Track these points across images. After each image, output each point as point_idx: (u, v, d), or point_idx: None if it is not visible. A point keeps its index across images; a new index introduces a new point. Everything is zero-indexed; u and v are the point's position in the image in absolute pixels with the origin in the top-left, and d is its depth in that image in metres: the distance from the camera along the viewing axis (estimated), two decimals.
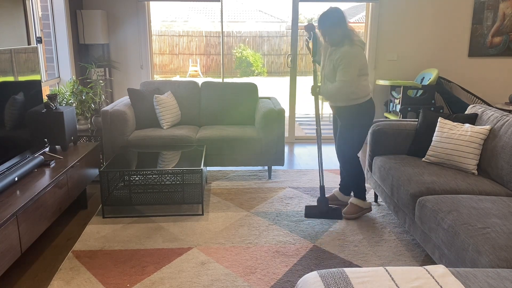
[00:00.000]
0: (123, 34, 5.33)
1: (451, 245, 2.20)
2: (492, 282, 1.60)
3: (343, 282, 1.57)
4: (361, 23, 16.56)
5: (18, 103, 2.89)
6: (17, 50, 2.89)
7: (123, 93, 5.50)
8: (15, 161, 2.83)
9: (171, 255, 2.77)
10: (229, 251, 2.82)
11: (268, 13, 18.32)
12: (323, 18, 3.10)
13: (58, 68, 4.87)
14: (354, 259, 2.74)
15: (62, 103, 4.18)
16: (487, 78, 5.62)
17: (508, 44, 5.49)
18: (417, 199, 2.68)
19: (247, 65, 15.37)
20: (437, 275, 1.62)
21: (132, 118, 4.17)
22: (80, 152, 3.37)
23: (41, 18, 4.66)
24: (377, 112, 5.68)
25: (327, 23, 3.08)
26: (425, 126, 3.31)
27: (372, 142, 3.48)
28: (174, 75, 15.11)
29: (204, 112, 4.56)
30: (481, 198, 2.50)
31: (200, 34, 15.04)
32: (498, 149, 2.83)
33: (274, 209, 3.49)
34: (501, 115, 2.96)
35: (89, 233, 3.07)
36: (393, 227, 3.19)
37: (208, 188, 3.97)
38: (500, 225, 2.12)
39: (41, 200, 2.60)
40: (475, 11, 5.39)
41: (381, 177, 3.22)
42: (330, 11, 3.09)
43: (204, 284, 2.45)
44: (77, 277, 2.51)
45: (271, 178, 4.23)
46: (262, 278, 2.51)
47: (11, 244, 2.25)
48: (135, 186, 3.81)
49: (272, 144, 4.07)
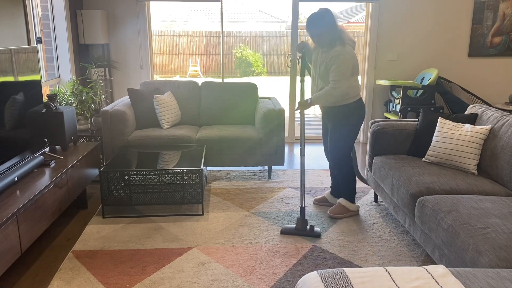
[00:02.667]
0: (123, 34, 5.33)
1: (451, 245, 2.20)
2: (492, 282, 1.60)
3: (343, 282, 1.57)
4: (361, 23, 16.57)
5: (18, 103, 2.89)
6: (17, 50, 2.89)
7: (123, 93, 5.50)
8: (15, 161, 2.83)
9: (171, 255, 2.77)
10: (229, 251, 2.82)
11: (268, 13, 18.32)
12: (313, 21, 3.03)
13: (58, 68, 4.87)
14: (354, 259, 2.74)
15: (62, 103, 4.18)
16: (487, 78, 5.62)
17: (508, 44, 5.49)
18: (417, 199, 2.68)
19: (247, 65, 15.37)
20: (437, 275, 1.62)
21: (132, 118, 4.17)
22: (80, 152, 3.37)
23: (41, 18, 4.66)
24: (377, 112, 5.68)
25: (317, 27, 3.03)
26: (425, 126, 3.30)
27: (372, 142, 3.48)
28: (174, 75, 15.11)
29: (204, 112, 4.56)
30: (481, 198, 2.50)
31: (200, 34, 15.04)
32: (498, 149, 2.83)
33: (274, 209, 3.49)
34: (501, 115, 2.96)
35: (89, 233, 3.07)
36: (393, 227, 3.19)
37: (208, 188, 3.96)
38: (500, 225, 2.12)
39: (41, 200, 2.60)
40: (475, 11, 5.39)
41: (381, 177, 3.22)
42: (320, 14, 3.02)
43: (204, 284, 2.45)
44: (77, 277, 2.51)
45: (271, 178, 4.23)
46: (262, 278, 2.51)
47: (11, 244, 2.25)
48: (135, 186, 3.81)
49: (272, 144, 4.07)
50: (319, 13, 3.03)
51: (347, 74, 3.01)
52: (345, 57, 2.99)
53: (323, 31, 3.01)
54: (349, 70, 3.02)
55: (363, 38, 5.60)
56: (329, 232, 3.11)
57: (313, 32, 3.05)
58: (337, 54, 2.98)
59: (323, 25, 3.00)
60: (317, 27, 3.02)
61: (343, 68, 2.99)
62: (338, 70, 2.99)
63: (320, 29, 3.01)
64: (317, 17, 3.02)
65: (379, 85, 5.59)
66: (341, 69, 2.98)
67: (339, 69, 2.99)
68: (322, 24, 3.01)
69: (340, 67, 2.98)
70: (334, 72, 3.00)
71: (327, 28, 3.01)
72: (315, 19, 3.02)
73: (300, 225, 3.05)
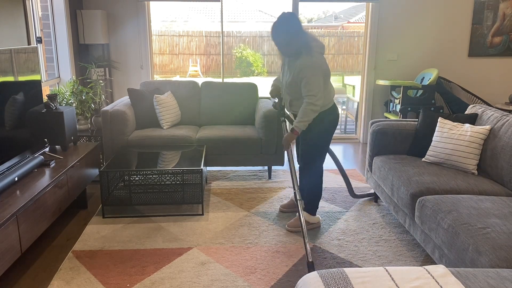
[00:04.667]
0: (123, 34, 5.33)
1: (451, 245, 2.20)
2: (492, 282, 1.60)
3: (343, 282, 1.57)
4: (361, 23, 16.57)
5: (18, 103, 2.89)
6: (17, 50, 2.89)
7: (123, 93, 5.50)
8: (15, 161, 2.83)
9: (171, 255, 2.77)
10: (229, 251, 2.82)
11: (268, 13, 18.31)
12: (278, 28, 2.76)
13: (58, 68, 4.87)
14: (354, 259, 2.74)
15: (62, 103, 4.18)
16: (487, 78, 5.62)
17: (508, 44, 5.49)
18: (417, 199, 2.68)
19: (247, 65, 15.37)
20: (437, 275, 1.62)
21: (132, 118, 4.17)
22: (80, 152, 3.37)
23: (41, 18, 4.66)
24: (377, 112, 5.68)
25: (283, 34, 2.77)
26: (425, 126, 3.30)
27: (372, 142, 3.48)
28: (174, 75, 15.11)
29: (204, 112, 4.56)
30: (481, 198, 2.50)
31: (200, 34, 15.03)
32: (498, 149, 2.83)
33: (274, 209, 3.49)
34: (501, 115, 2.96)
35: (89, 233, 3.07)
36: (393, 227, 3.19)
37: (208, 188, 3.96)
38: (500, 225, 2.12)
39: (41, 200, 2.60)
40: (475, 11, 5.39)
41: (381, 177, 3.22)
42: (285, 19, 2.76)
43: (204, 284, 2.45)
44: (77, 277, 2.51)
45: (271, 178, 4.23)
46: (262, 278, 2.51)
47: (11, 244, 2.25)
48: (135, 186, 3.81)
49: (272, 144, 4.07)
50: (284, 17, 2.77)
51: (320, 85, 2.79)
52: (313, 68, 2.77)
53: (290, 39, 2.75)
54: (321, 80, 2.79)
55: (363, 38, 5.60)
56: (329, 232, 3.10)
57: (279, 41, 2.79)
58: (303, 66, 2.76)
59: (290, 33, 2.75)
60: (283, 34, 2.76)
61: (315, 80, 2.76)
62: (309, 84, 2.77)
63: (287, 36, 2.75)
64: (282, 23, 2.75)
65: (379, 85, 5.59)
66: (313, 82, 2.76)
67: (309, 82, 2.76)
68: (289, 30, 2.75)
69: (310, 80, 2.76)
70: (308, 87, 2.77)
71: (294, 35, 2.75)
72: (280, 25, 2.76)
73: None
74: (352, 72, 14.99)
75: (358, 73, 13.96)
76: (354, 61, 15.07)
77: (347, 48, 14.96)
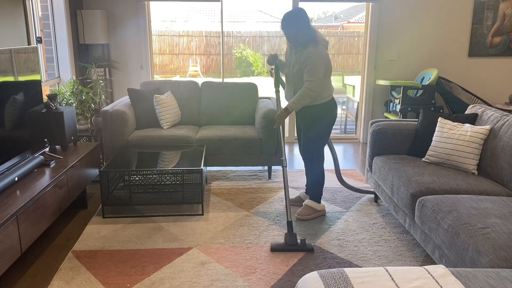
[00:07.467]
0: (123, 34, 5.33)
1: (451, 245, 2.20)
2: (492, 282, 1.60)
3: (343, 282, 1.57)
4: (361, 23, 16.57)
5: (18, 103, 2.89)
6: (17, 50, 2.89)
7: (123, 93, 5.50)
8: (15, 161, 2.83)
9: (171, 255, 2.77)
10: (229, 251, 2.82)
11: (268, 13, 18.30)
12: (287, 20, 3.07)
13: (58, 68, 4.87)
14: (354, 259, 2.74)
15: (62, 103, 4.18)
16: (487, 78, 5.62)
17: (508, 44, 5.49)
18: (417, 199, 2.68)
19: (247, 65, 15.37)
20: (437, 275, 1.62)
21: (132, 118, 4.17)
22: (80, 152, 3.37)
23: (41, 18, 4.66)
24: (377, 112, 5.68)
25: (291, 25, 3.06)
26: (425, 126, 3.30)
27: (372, 142, 3.48)
28: (174, 75, 15.10)
29: (204, 112, 4.56)
30: (481, 198, 2.50)
31: (200, 34, 15.03)
32: (498, 149, 2.83)
33: (274, 209, 3.49)
34: (501, 115, 2.96)
35: (89, 233, 3.07)
36: (393, 227, 3.19)
37: (208, 188, 3.96)
38: (500, 225, 2.12)
39: (41, 200, 2.60)
40: (475, 11, 5.39)
41: (381, 177, 3.22)
42: (294, 13, 3.07)
43: (204, 284, 2.45)
44: (77, 277, 2.51)
45: (271, 178, 4.23)
46: (262, 278, 2.51)
47: (11, 244, 2.25)
48: (135, 186, 3.81)
49: (272, 144, 4.07)
50: (294, 12, 3.08)
51: (320, 74, 3.04)
52: (318, 57, 3.02)
53: (298, 30, 3.05)
54: (322, 70, 3.05)
55: (363, 38, 5.60)
56: (329, 232, 3.11)
57: (288, 31, 3.08)
58: (310, 54, 3.02)
59: (300, 24, 3.04)
60: (292, 26, 3.05)
61: (317, 68, 3.02)
62: (312, 71, 3.02)
63: (295, 27, 3.05)
64: (292, 15, 3.06)
65: (379, 85, 5.59)
66: (315, 69, 3.02)
67: (313, 69, 3.02)
68: (297, 22, 3.04)
69: (314, 67, 3.02)
70: (309, 73, 3.03)
71: (301, 26, 3.04)
72: (289, 17, 3.06)
73: (289, 239, 2.85)
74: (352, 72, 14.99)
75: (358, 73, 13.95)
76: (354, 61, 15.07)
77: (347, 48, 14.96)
